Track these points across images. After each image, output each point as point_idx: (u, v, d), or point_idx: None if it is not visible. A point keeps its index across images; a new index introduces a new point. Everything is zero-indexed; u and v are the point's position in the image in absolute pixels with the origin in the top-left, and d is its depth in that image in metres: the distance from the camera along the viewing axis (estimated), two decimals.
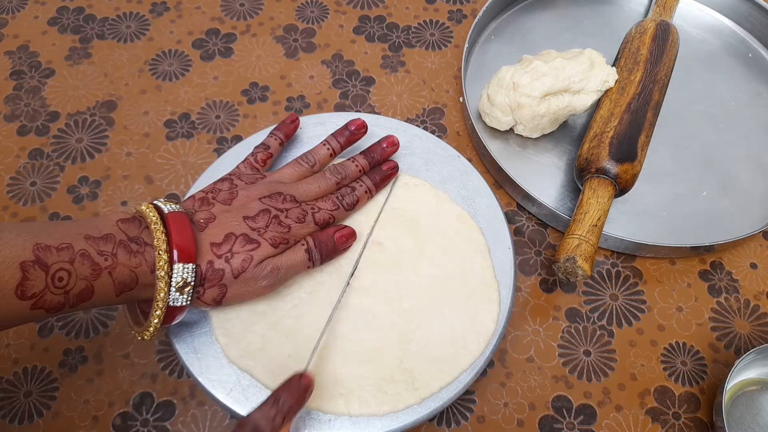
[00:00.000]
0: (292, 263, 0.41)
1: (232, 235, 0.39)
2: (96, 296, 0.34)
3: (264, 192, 0.42)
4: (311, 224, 0.42)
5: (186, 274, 0.36)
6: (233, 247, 0.38)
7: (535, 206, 0.53)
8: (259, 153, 0.46)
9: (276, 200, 0.42)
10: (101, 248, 0.34)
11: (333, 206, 0.44)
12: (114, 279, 0.35)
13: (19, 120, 0.57)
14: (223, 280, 0.38)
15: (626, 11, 0.67)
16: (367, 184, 0.46)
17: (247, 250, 0.38)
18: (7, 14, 0.63)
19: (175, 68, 0.61)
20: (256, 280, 0.39)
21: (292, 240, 0.41)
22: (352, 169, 0.46)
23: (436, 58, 0.63)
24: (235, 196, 0.41)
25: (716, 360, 0.49)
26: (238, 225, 0.39)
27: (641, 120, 0.51)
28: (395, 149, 0.48)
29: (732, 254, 0.54)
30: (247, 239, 0.39)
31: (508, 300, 0.45)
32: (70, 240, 0.34)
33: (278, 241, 0.40)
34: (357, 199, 0.45)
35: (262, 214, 0.40)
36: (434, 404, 0.41)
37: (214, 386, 0.40)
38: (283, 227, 0.40)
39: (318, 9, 0.66)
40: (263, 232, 0.39)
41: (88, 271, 0.34)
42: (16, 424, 0.43)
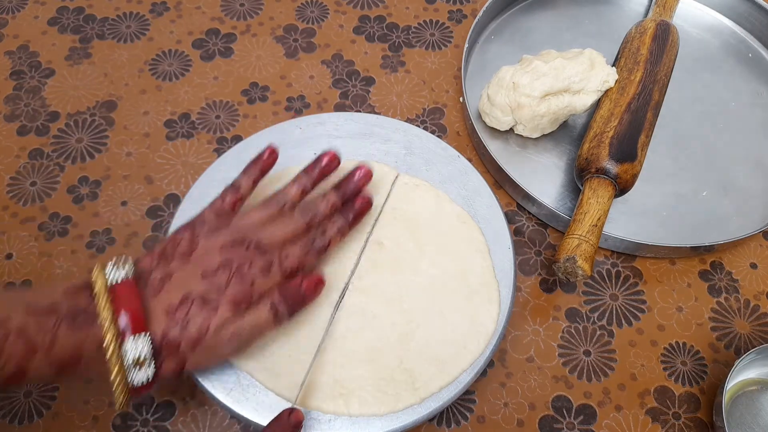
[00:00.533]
0: (255, 326, 0.37)
1: (188, 297, 0.35)
2: (29, 376, 0.32)
3: (226, 240, 0.38)
4: (277, 275, 0.38)
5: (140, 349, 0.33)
6: (189, 312, 0.35)
7: (535, 206, 0.53)
8: (228, 196, 0.42)
9: (239, 250, 0.38)
10: (42, 322, 0.32)
11: (302, 251, 0.40)
12: (51, 358, 0.32)
13: (19, 120, 0.57)
14: (180, 351, 0.35)
15: (626, 11, 0.67)
16: (339, 224, 0.42)
17: (205, 314, 0.35)
18: (7, 14, 0.63)
19: (175, 68, 0.61)
20: (218, 349, 0.36)
21: (256, 296, 0.37)
22: (323, 207, 0.43)
23: (436, 58, 0.63)
24: (194, 247, 0.38)
25: (716, 360, 0.49)
26: (196, 284, 0.36)
27: (641, 120, 0.51)
28: (368, 180, 0.45)
29: (732, 254, 0.54)
30: (203, 302, 0.35)
31: (508, 300, 0.45)
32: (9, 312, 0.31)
33: (239, 302, 0.36)
34: (329, 241, 0.42)
35: (223, 269, 0.37)
36: (434, 404, 0.41)
37: (214, 386, 0.40)
38: (246, 282, 0.37)
39: (318, 9, 0.66)
40: (223, 291, 0.36)
41: (22, 351, 0.31)
42: (16, 424, 0.43)
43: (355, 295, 0.44)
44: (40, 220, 0.51)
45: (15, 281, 0.48)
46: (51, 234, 0.51)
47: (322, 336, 0.42)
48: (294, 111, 0.59)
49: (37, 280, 0.48)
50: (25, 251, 0.50)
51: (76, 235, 0.51)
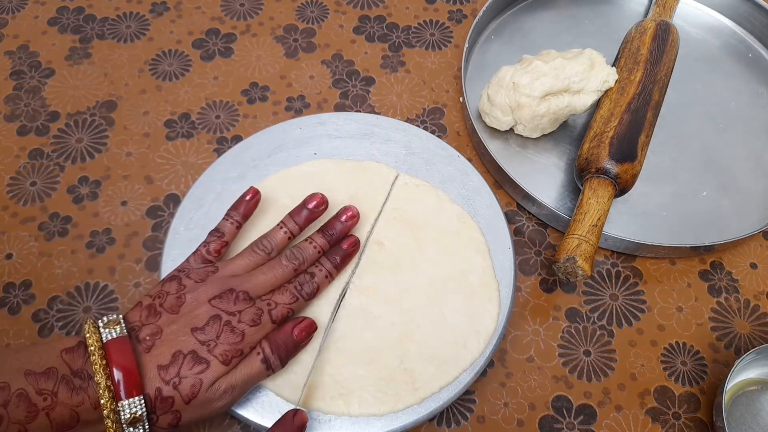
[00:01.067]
0: (247, 378, 0.37)
1: (179, 353, 0.36)
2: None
3: (214, 292, 0.38)
4: (268, 324, 0.39)
5: (135, 409, 0.34)
6: (181, 369, 0.35)
7: (535, 206, 0.53)
8: (212, 243, 0.42)
9: (227, 301, 0.38)
10: (41, 386, 0.33)
11: (291, 299, 0.40)
12: (51, 420, 0.33)
13: (19, 120, 0.57)
14: (175, 407, 0.35)
15: (626, 11, 0.67)
16: (327, 268, 0.42)
17: (196, 372, 0.35)
18: (7, 14, 0.63)
19: (175, 68, 0.61)
20: (211, 402, 0.36)
21: (247, 348, 0.38)
22: (310, 251, 0.42)
23: (436, 58, 0.63)
24: (182, 301, 0.38)
25: (716, 360, 0.49)
26: (186, 340, 0.36)
27: (641, 120, 0.51)
28: (355, 222, 0.45)
29: (732, 254, 0.54)
30: (195, 359, 0.36)
31: (508, 300, 0.45)
32: (8, 378, 0.32)
33: (230, 356, 0.37)
34: (317, 286, 0.42)
35: (212, 322, 0.37)
36: (434, 404, 0.41)
37: None
38: (236, 335, 0.37)
39: (318, 9, 0.66)
40: (213, 346, 0.36)
41: (23, 414, 0.32)
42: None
43: (356, 294, 0.44)
44: (40, 220, 0.51)
45: (15, 281, 0.48)
46: (51, 234, 0.51)
47: (322, 336, 0.42)
48: (294, 111, 0.59)
49: (37, 280, 0.48)
50: (25, 251, 0.50)
51: (76, 235, 0.51)
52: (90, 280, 0.49)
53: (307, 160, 0.51)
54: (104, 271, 0.49)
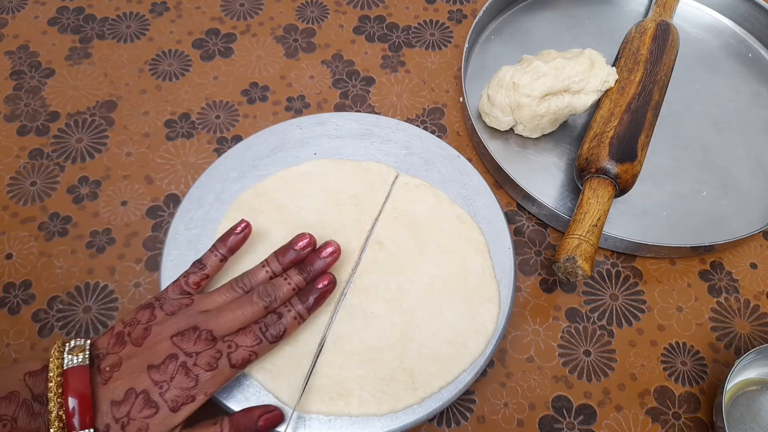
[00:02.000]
0: None
1: (132, 391, 0.36)
2: None
3: (179, 328, 0.38)
4: (225, 370, 0.37)
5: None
6: (131, 410, 0.35)
7: (535, 206, 0.53)
8: (192, 275, 0.41)
9: (188, 340, 0.37)
10: (2, 411, 0.33)
11: (254, 341, 0.38)
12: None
13: (19, 120, 0.57)
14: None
15: (626, 11, 0.67)
16: (298, 310, 0.40)
17: (144, 416, 0.35)
18: (7, 14, 0.63)
19: (175, 68, 0.61)
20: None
21: (201, 396, 0.36)
22: (285, 289, 0.40)
23: (436, 58, 0.63)
24: (148, 333, 0.38)
25: (716, 360, 0.49)
26: (142, 378, 0.36)
27: (641, 120, 0.51)
28: (336, 258, 0.42)
29: (732, 254, 0.54)
30: (146, 400, 0.35)
31: (508, 300, 0.45)
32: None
33: (180, 402, 0.36)
34: (284, 329, 0.39)
35: (168, 361, 0.36)
36: (434, 404, 0.41)
37: None
38: (190, 379, 0.36)
39: (318, 9, 0.66)
40: (166, 389, 0.36)
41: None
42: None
43: (356, 294, 0.44)
44: (40, 220, 0.51)
45: (15, 281, 0.48)
46: (51, 234, 0.51)
47: (322, 336, 0.42)
48: (294, 111, 0.59)
49: (37, 280, 0.48)
50: (25, 251, 0.50)
51: (76, 235, 0.51)
52: (90, 280, 0.49)
53: (307, 160, 0.51)
54: (104, 271, 0.49)
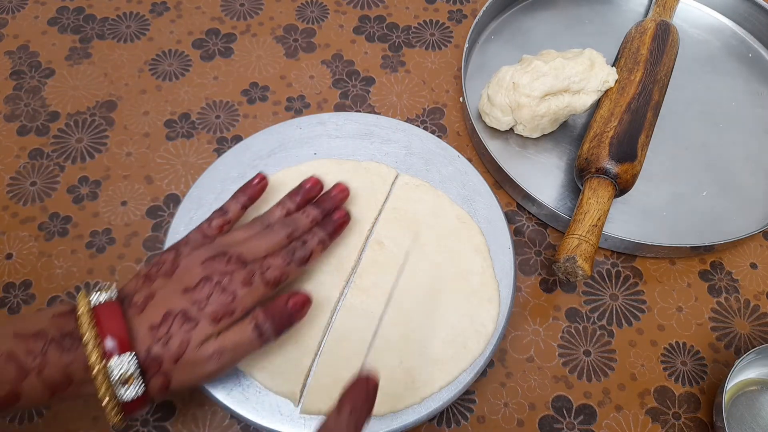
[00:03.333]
0: (238, 344, 0.36)
1: (170, 313, 0.36)
2: (24, 399, 0.33)
3: (207, 255, 0.38)
4: (260, 287, 0.38)
5: (125, 367, 0.33)
6: (171, 328, 0.35)
7: (535, 206, 0.53)
8: (215, 219, 0.42)
9: (219, 263, 0.38)
10: (30, 347, 0.33)
11: (284, 262, 0.40)
12: (43, 380, 0.33)
13: (19, 120, 0.57)
14: (163, 368, 0.35)
15: (626, 11, 0.67)
16: (320, 236, 0.42)
17: (185, 330, 0.35)
18: (7, 14, 0.63)
19: (175, 68, 0.61)
20: (199, 365, 0.35)
21: (239, 310, 0.37)
22: (303, 221, 0.43)
23: (436, 58, 0.63)
24: (177, 265, 0.38)
25: (716, 360, 0.49)
26: (178, 300, 0.36)
27: (641, 120, 0.51)
28: (346, 195, 0.46)
29: (732, 254, 0.54)
30: (185, 317, 0.35)
31: (508, 300, 0.45)
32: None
33: (220, 315, 0.36)
34: (310, 252, 0.41)
35: (203, 283, 0.37)
36: (434, 404, 0.41)
37: (214, 386, 0.40)
38: (227, 295, 0.37)
39: (318, 9, 0.66)
40: (204, 305, 0.36)
41: (13, 374, 0.32)
42: (16, 424, 0.43)
43: (356, 294, 0.44)
44: (40, 220, 0.51)
45: (15, 281, 0.48)
46: (51, 234, 0.51)
47: (322, 336, 0.42)
48: (294, 111, 0.59)
49: (37, 280, 0.48)
50: (25, 251, 0.50)
51: (76, 235, 0.51)
52: (90, 280, 0.49)
53: (307, 160, 0.51)
54: (104, 271, 0.49)
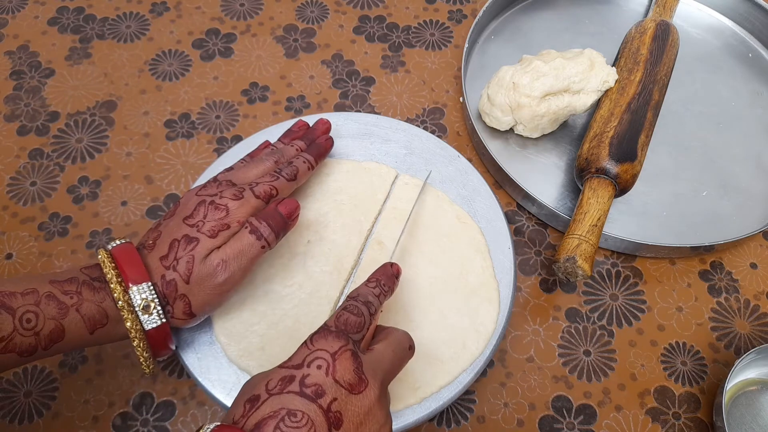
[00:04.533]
0: (239, 251, 0.38)
1: (175, 241, 0.38)
2: (68, 335, 0.35)
3: (201, 185, 0.42)
4: (251, 199, 0.40)
5: (144, 294, 0.36)
6: (177, 252, 0.38)
7: (535, 206, 0.53)
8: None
9: (211, 187, 0.41)
10: (66, 288, 0.35)
11: (272, 178, 0.42)
12: (83, 315, 0.35)
13: (19, 120, 0.57)
14: (179, 290, 0.37)
15: (626, 11, 0.67)
16: (305, 157, 0.45)
17: (188, 250, 0.38)
18: (7, 14, 0.63)
19: (175, 68, 0.61)
20: (209, 278, 0.38)
21: (234, 223, 0.39)
22: (290, 150, 0.46)
23: (436, 58, 0.63)
24: (177, 205, 0.41)
25: (716, 360, 0.49)
26: (179, 228, 0.39)
27: (641, 120, 0.51)
28: (328, 126, 0.50)
29: (732, 254, 0.54)
30: (187, 240, 0.38)
31: (508, 300, 0.45)
32: (35, 285, 0.35)
33: (217, 230, 0.38)
34: (297, 169, 0.44)
35: (199, 207, 0.39)
36: (434, 404, 0.41)
37: (214, 386, 0.40)
38: (220, 211, 0.39)
39: (318, 9, 0.66)
40: (202, 226, 0.39)
41: (55, 311, 0.35)
42: (16, 424, 0.43)
43: None
44: (40, 220, 0.51)
45: None
46: (51, 234, 0.51)
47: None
48: (294, 111, 0.59)
49: None
50: (25, 251, 0.50)
51: (76, 235, 0.51)
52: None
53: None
54: None
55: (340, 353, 0.32)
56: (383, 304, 0.37)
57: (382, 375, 0.33)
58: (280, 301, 0.43)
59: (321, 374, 0.31)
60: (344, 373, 0.31)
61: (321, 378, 0.31)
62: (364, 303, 0.35)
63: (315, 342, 0.33)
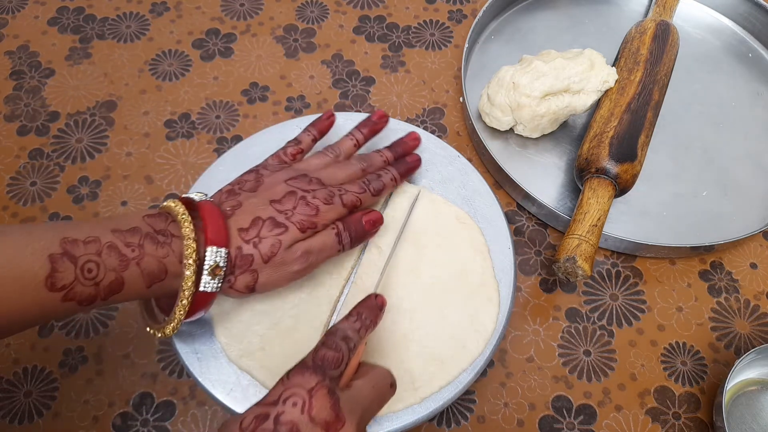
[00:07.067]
0: (322, 246, 0.40)
1: (259, 219, 0.38)
2: (127, 288, 0.35)
3: (290, 175, 0.42)
4: (339, 206, 0.41)
5: (218, 258, 0.36)
6: (261, 231, 0.38)
7: (535, 206, 0.53)
8: (289, 147, 0.46)
9: (302, 182, 0.41)
10: (128, 240, 0.35)
11: (360, 189, 0.43)
12: (142, 270, 0.35)
13: (19, 120, 0.57)
14: (253, 266, 0.38)
15: (626, 11, 0.67)
16: (393, 173, 0.46)
17: (275, 234, 0.38)
18: (7, 14, 0.63)
19: (175, 68, 0.61)
20: (287, 265, 0.39)
21: (320, 224, 0.40)
22: (378, 159, 0.47)
23: (436, 58, 0.63)
24: (261, 183, 0.41)
25: (716, 360, 0.49)
26: (265, 209, 0.39)
27: (641, 120, 0.51)
28: (417, 143, 0.49)
29: (732, 254, 0.54)
30: (274, 223, 0.38)
31: (508, 300, 0.45)
32: (98, 233, 0.34)
33: (306, 226, 0.39)
34: (383, 185, 0.45)
35: (289, 196, 0.40)
36: (434, 404, 0.41)
37: (214, 386, 0.40)
38: (311, 209, 0.40)
39: (318, 9, 0.66)
40: (290, 215, 0.39)
41: (116, 263, 0.34)
42: (16, 424, 0.43)
43: (356, 295, 0.44)
44: (40, 220, 0.51)
45: None
46: None
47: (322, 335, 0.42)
48: (294, 111, 0.59)
49: None
50: None
51: None
52: None
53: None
54: None
55: (317, 390, 0.31)
56: (366, 337, 0.36)
57: (361, 413, 0.33)
58: (279, 300, 0.43)
59: (296, 411, 0.30)
60: (320, 410, 0.31)
61: (296, 415, 0.30)
62: (343, 338, 0.35)
63: (291, 378, 0.32)
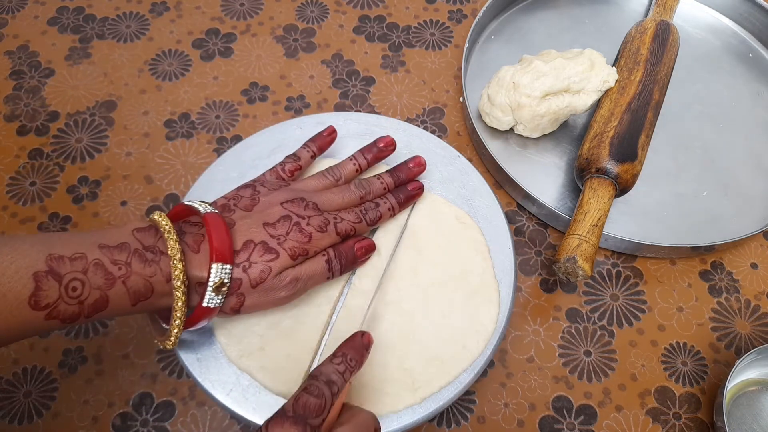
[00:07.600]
0: (311, 274, 0.40)
1: (250, 242, 0.38)
2: (111, 306, 0.34)
3: (286, 197, 0.41)
4: (333, 234, 0.41)
5: (223, 275, 0.36)
6: (251, 255, 0.37)
7: (535, 206, 0.53)
8: (288, 163, 0.45)
9: (298, 206, 0.41)
10: (115, 257, 0.34)
11: (356, 218, 0.43)
12: (128, 288, 0.34)
13: (19, 120, 0.56)
14: (241, 289, 0.37)
15: (626, 11, 0.67)
16: (391, 202, 0.45)
17: (266, 260, 0.38)
18: (7, 14, 0.63)
19: (175, 68, 0.61)
20: (275, 291, 0.38)
21: (312, 251, 0.40)
22: (377, 185, 0.45)
23: (436, 58, 0.63)
24: (256, 202, 0.40)
25: (717, 360, 0.49)
26: (258, 232, 0.38)
27: (641, 120, 0.51)
28: (422, 170, 0.48)
29: (732, 254, 0.54)
30: (265, 248, 0.38)
31: (508, 300, 0.45)
32: (84, 249, 0.34)
33: (297, 253, 0.39)
34: (380, 215, 0.44)
35: (283, 221, 0.39)
36: (434, 404, 0.41)
37: (214, 386, 0.40)
38: (304, 236, 0.39)
39: (318, 9, 0.66)
40: (283, 240, 0.39)
41: (102, 281, 0.34)
42: (15, 424, 0.43)
43: (356, 295, 0.44)
44: (40, 220, 0.51)
45: None
46: None
47: (321, 336, 0.42)
48: (294, 111, 0.59)
49: None
50: None
51: None
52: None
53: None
54: None
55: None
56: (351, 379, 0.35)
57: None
58: None
59: None
60: None
61: None
62: (327, 383, 0.33)
63: (270, 429, 0.31)
